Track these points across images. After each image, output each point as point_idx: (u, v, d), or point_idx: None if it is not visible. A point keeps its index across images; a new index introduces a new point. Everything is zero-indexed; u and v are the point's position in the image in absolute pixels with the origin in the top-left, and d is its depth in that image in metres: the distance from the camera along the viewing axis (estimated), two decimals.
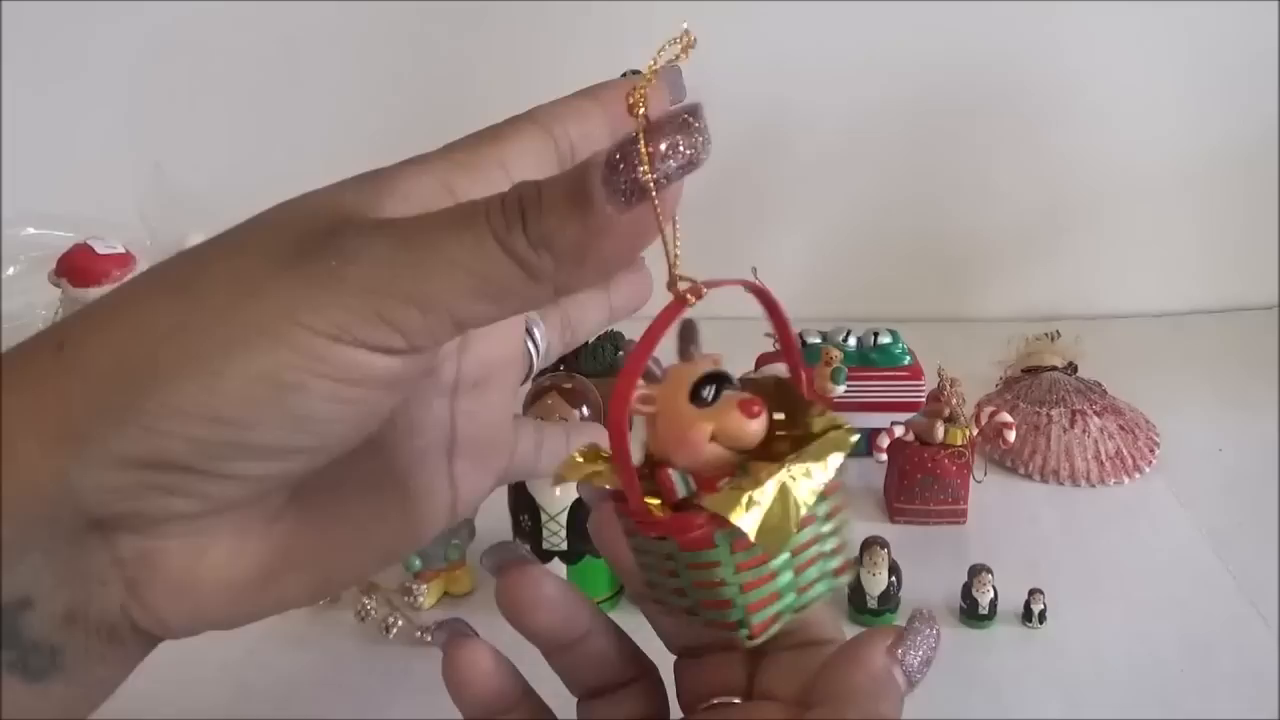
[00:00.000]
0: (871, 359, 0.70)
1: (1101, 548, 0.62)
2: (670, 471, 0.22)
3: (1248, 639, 0.55)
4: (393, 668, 0.53)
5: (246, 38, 0.85)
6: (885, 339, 0.71)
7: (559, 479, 0.23)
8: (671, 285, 0.22)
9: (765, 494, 0.21)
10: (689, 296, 0.22)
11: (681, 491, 0.22)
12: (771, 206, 0.92)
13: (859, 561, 0.55)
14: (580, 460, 0.23)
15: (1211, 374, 0.82)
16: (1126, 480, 0.69)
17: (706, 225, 0.92)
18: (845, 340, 0.71)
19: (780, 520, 0.21)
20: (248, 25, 0.84)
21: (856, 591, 0.55)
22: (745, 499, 0.20)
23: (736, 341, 0.68)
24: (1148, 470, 0.70)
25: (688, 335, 0.24)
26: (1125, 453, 0.70)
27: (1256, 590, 0.58)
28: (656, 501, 0.22)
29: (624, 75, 0.64)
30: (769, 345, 0.65)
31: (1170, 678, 0.52)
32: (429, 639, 0.57)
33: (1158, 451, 0.71)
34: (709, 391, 0.22)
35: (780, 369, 0.24)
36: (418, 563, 0.57)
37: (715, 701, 0.26)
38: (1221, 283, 0.95)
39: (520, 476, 0.32)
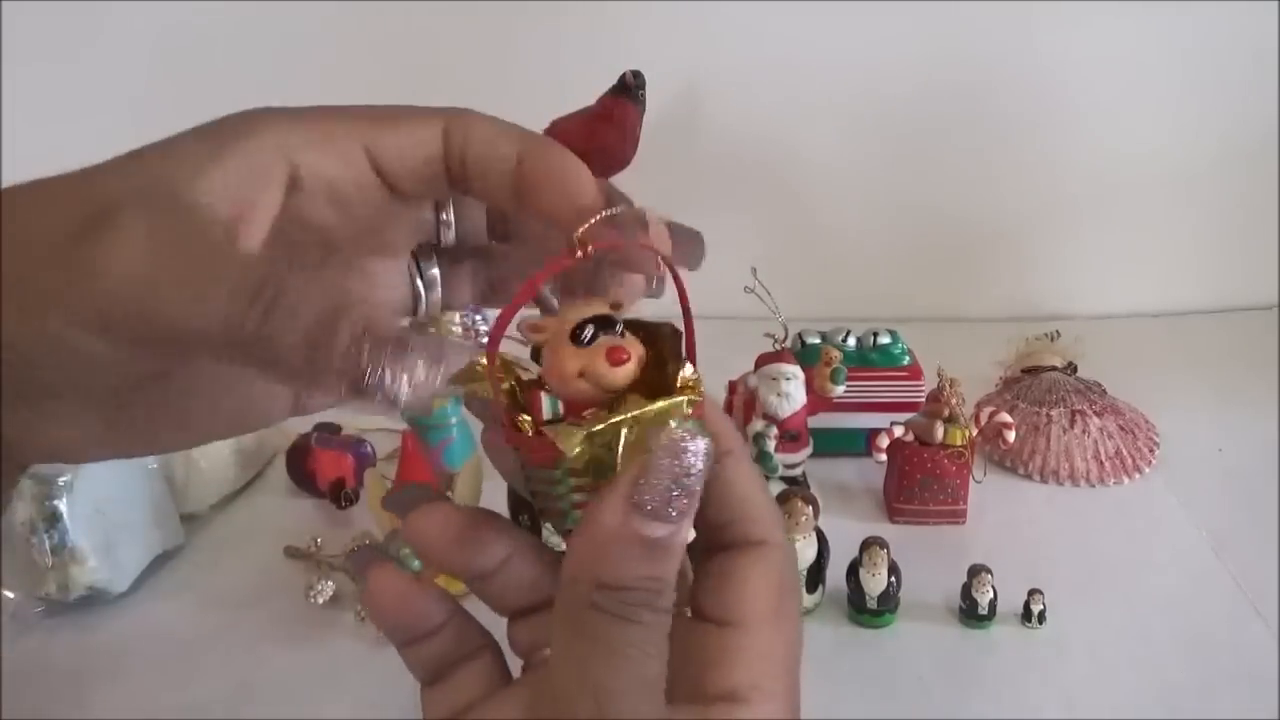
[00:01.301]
0: (871, 359, 0.70)
1: (1101, 548, 0.62)
2: (542, 394, 0.25)
3: (1248, 639, 0.55)
4: (393, 668, 0.53)
5: (247, 38, 0.85)
6: (885, 339, 0.71)
7: (452, 381, 0.24)
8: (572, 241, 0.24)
9: (599, 436, 0.24)
10: (579, 251, 0.24)
11: (548, 414, 0.25)
12: (771, 206, 0.92)
13: (859, 562, 0.55)
14: (476, 371, 0.25)
15: (1211, 374, 0.82)
16: (1126, 480, 0.69)
17: (707, 226, 0.93)
18: (845, 340, 0.71)
19: (606, 458, 0.24)
20: (248, 25, 0.84)
21: (856, 592, 0.55)
22: (581, 434, 0.23)
23: (736, 341, 0.68)
24: (1147, 470, 0.70)
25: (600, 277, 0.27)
26: (1125, 453, 0.70)
27: (1256, 590, 0.58)
28: (528, 419, 0.25)
29: (624, 75, 0.64)
30: (769, 345, 0.65)
31: (1170, 678, 0.52)
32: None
33: (1157, 451, 0.71)
34: (587, 333, 0.24)
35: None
36: (417, 563, 0.57)
37: (549, 651, 0.26)
38: (1221, 283, 0.95)
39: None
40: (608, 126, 0.76)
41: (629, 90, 0.75)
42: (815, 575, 0.56)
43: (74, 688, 0.53)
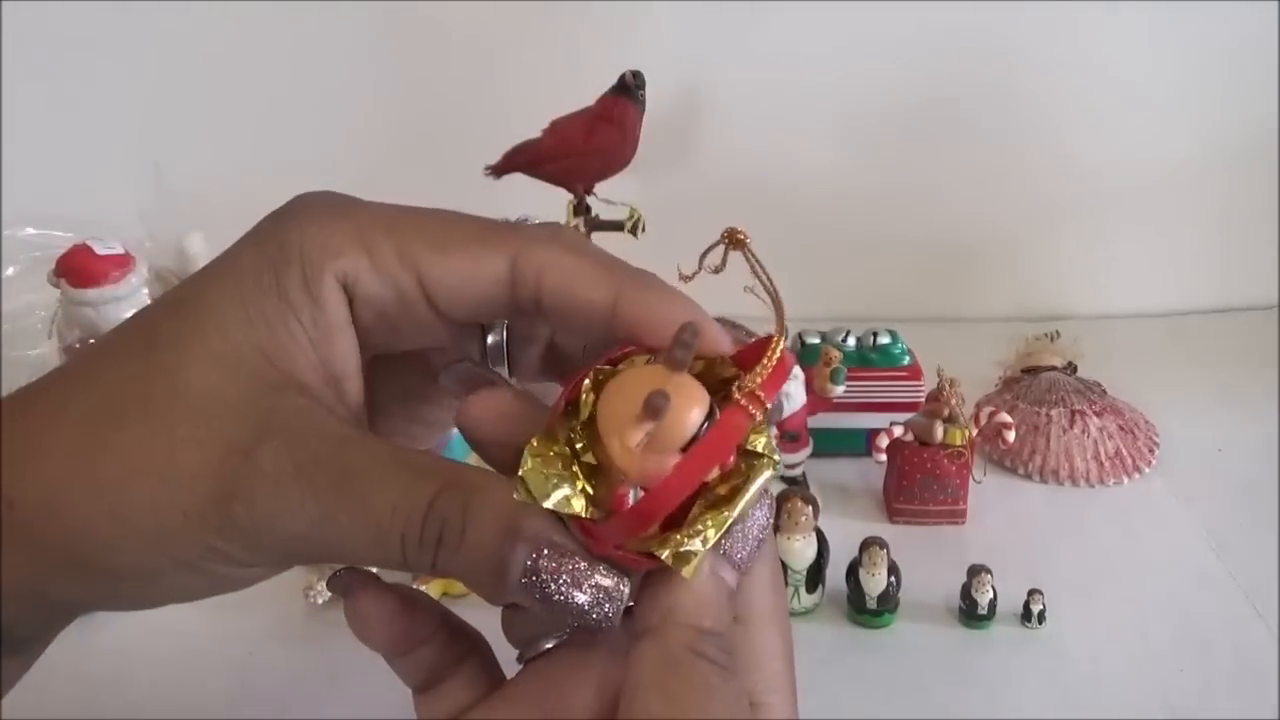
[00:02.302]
0: (871, 359, 0.70)
1: (1101, 548, 0.62)
2: (627, 492, 0.23)
3: (1248, 639, 0.55)
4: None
5: (246, 38, 0.85)
6: (885, 339, 0.71)
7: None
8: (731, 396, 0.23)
9: (701, 544, 0.22)
10: (756, 406, 0.23)
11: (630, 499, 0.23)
12: (771, 206, 0.92)
13: (859, 562, 0.55)
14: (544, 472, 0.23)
15: (1211, 374, 0.82)
16: (1126, 480, 0.69)
17: (706, 225, 0.92)
18: (845, 340, 0.71)
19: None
20: (248, 25, 0.84)
21: (856, 592, 0.55)
22: (683, 549, 0.22)
23: None
24: (1147, 470, 0.70)
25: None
26: (1125, 453, 0.70)
27: (1256, 590, 0.58)
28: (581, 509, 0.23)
29: (624, 75, 0.65)
30: None
31: (1170, 678, 0.52)
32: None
33: (1157, 451, 0.71)
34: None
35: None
36: None
37: (546, 645, 0.26)
38: (1221, 283, 0.95)
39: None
40: (608, 126, 0.77)
41: (629, 90, 0.75)
42: (815, 575, 0.56)
43: (74, 688, 0.52)
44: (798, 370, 0.63)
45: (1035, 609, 0.55)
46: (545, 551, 0.22)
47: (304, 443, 0.23)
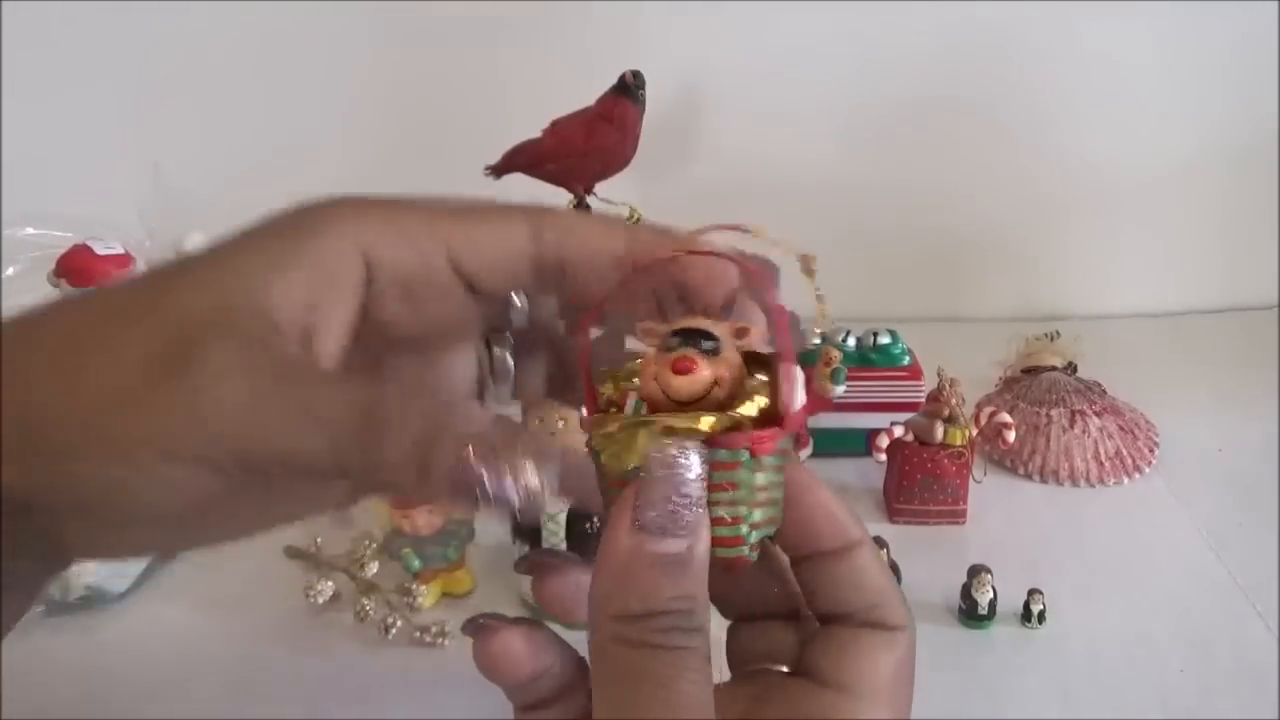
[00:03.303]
0: (871, 359, 0.70)
1: (1101, 548, 0.62)
2: (630, 396, 0.24)
3: (1247, 639, 0.55)
4: (393, 668, 0.53)
5: (246, 38, 0.85)
6: (885, 339, 0.71)
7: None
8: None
9: (619, 434, 0.23)
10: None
11: (630, 412, 0.24)
12: (771, 206, 0.92)
13: None
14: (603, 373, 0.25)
15: (1211, 374, 0.82)
16: (1126, 480, 0.69)
17: (706, 225, 0.92)
18: (845, 340, 0.71)
19: (626, 451, 0.23)
20: (247, 25, 0.84)
21: None
22: (609, 424, 0.24)
23: None
24: (1147, 470, 0.70)
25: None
26: (1125, 453, 0.70)
27: (1256, 590, 0.58)
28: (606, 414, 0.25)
29: (624, 75, 0.65)
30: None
31: (1170, 677, 0.52)
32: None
33: (1157, 451, 0.71)
34: (674, 341, 0.24)
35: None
36: (417, 563, 0.57)
37: (764, 668, 0.26)
38: (1221, 283, 0.95)
39: None
40: (608, 126, 0.76)
41: (629, 90, 0.75)
42: None
43: (74, 688, 0.53)
44: (798, 370, 0.63)
45: (1035, 609, 0.55)
46: (471, 447, 0.23)
47: (253, 346, 0.24)
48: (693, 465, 0.23)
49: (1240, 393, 0.79)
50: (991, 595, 0.55)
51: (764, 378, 0.25)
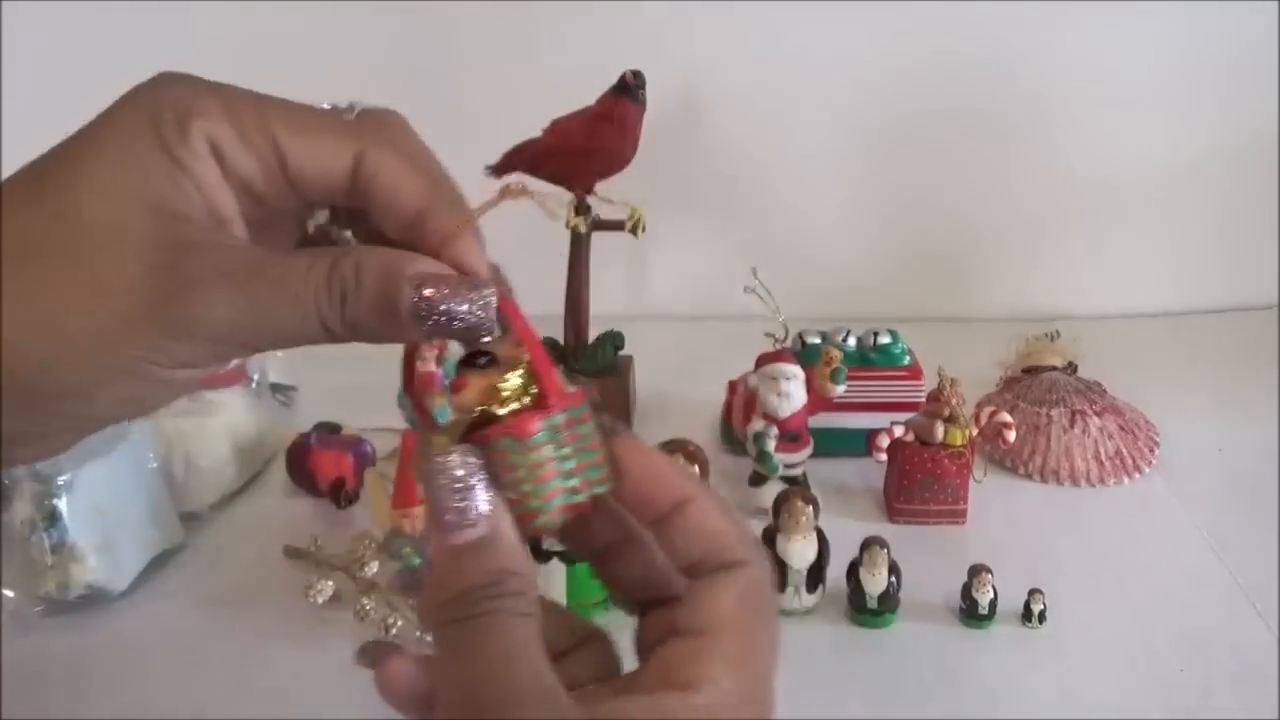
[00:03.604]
0: (871, 359, 0.70)
1: (1101, 548, 0.62)
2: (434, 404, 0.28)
3: (1248, 639, 0.55)
4: None
5: (245, 37, 0.85)
6: (885, 339, 0.71)
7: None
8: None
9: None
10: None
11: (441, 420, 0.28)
12: (771, 206, 0.92)
13: (859, 562, 0.55)
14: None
15: (1211, 374, 0.82)
16: (1126, 480, 0.69)
17: (707, 225, 0.93)
18: (845, 340, 0.71)
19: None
20: (246, 25, 0.84)
21: (857, 592, 0.55)
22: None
23: (736, 341, 0.68)
24: (1148, 470, 0.70)
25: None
26: (1125, 453, 0.70)
27: (1256, 590, 0.58)
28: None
29: (624, 75, 0.65)
30: (769, 345, 0.65)
31: (1170, 677, 0.52)
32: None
33: (1158, 451, 0.71)
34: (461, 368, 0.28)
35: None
36: (417, 562, 0.57)
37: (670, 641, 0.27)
38: (1221, 283, 0.95)
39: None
40: (608, 126, 0.76)
41: (629, 90, 0.75)
42: (815, 575, 0.56)
43: (74, 687, 0.53)
44: (798, 370, 0.63)
45: (1036, 609, 0.55)
46: (427, 282, 0.26)
47: (218, 254, 0.26)
48: (452, 465, 0.26)
49: (1240, 393, 0.79)
50: (992, 595, 0.55)
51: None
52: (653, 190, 0.71)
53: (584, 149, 0.68)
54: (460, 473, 0.26)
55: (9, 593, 0.57)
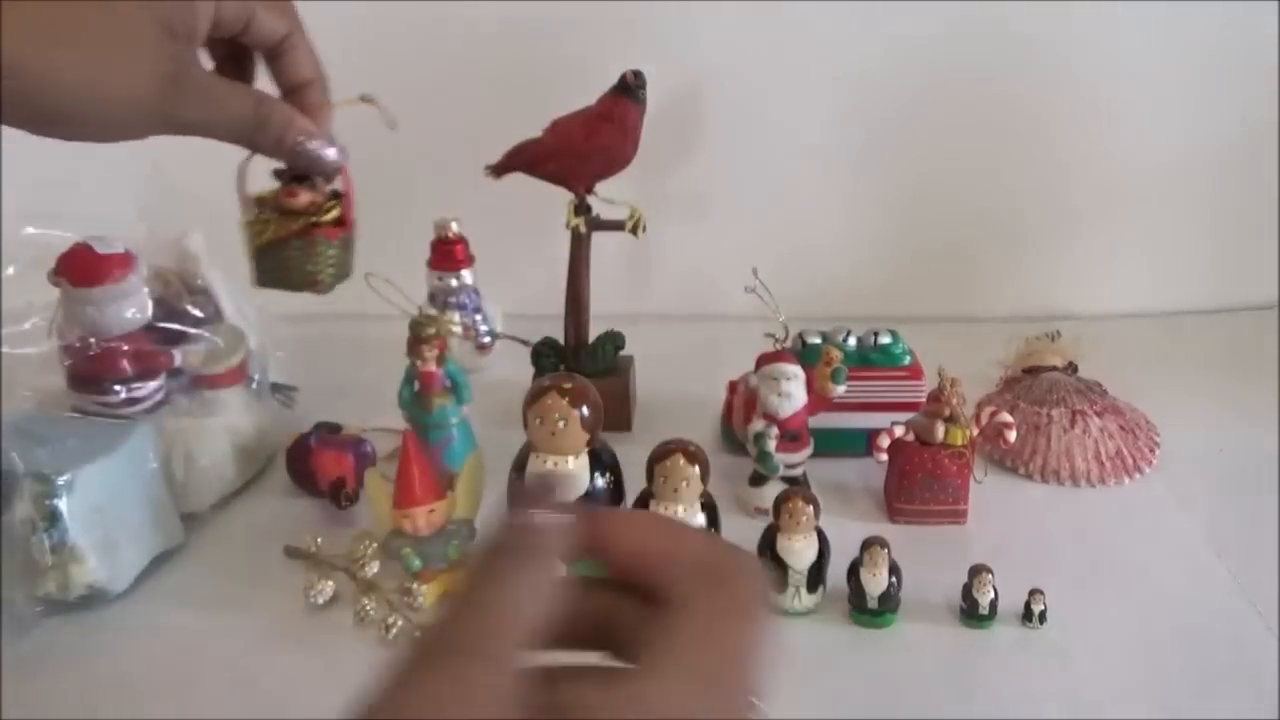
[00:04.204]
0: (871, 359, 0.70)
1: (1101, 548, 0.62)
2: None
3: (1247, 639, 0.55)
4: None
5: None
6: (885, 339, 0.71)
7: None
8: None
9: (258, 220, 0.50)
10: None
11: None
12: (771, 206, 0.92)
13: (860, 562, 0.55)
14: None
15: (1211, 374, 0.82)
16: (1126, 480, 0.69)
17: (708, 225, 0.93)
18: (845, 340, 0.71)
19: (259, 235, 0.49)
20: None
21: (857, 592, 0.55)
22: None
23: (736, 341, 0.68)
24: (1148, 470, 0.70)
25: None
26: (1125, 453, 0.70)
27: (1256, 590, 0.58)
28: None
29: (624, 75, 0.67)
30: (769, 345, 0.65)
31: (1170, 677, 0.52)
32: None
33: (1158, 452, 0.71)
34: (292, 183, 0.50)
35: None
36: (418, 563, 0.57)
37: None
38: (1221, 283, 0.95)
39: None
40: (609, 126, 0.76)
41: (630, 90, 0.75)
42: (816, 575, 0.56)
43: (74, 687, 0.53)
44: (798, 370, 0.63)
45: (1036, 609, 0.55)
46: (302, 132, 0.45)
47: (199, 74, 0.42)
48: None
49: (1240, 393, 0.79)
50: (992, 595, 0.55)
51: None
52: (653, 190, 0.71)
53: (584, 149, 0.68)
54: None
55: (9, 593, 0.57)
